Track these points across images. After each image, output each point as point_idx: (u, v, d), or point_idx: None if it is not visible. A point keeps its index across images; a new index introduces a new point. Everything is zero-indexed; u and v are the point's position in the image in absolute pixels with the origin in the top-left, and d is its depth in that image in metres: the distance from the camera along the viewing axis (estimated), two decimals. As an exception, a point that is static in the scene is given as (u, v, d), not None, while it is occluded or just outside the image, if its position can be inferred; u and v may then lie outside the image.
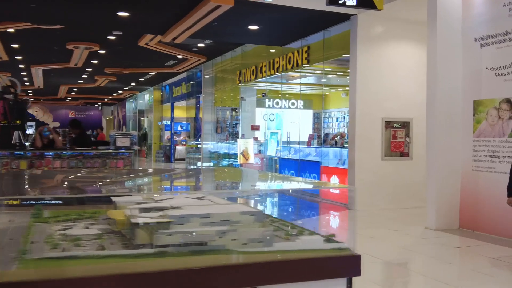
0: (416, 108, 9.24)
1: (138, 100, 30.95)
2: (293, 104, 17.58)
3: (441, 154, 7.28)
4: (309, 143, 11.72)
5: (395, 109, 9.30)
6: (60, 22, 11.00)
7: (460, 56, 7.28)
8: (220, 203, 2.30)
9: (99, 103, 38.71)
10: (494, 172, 6.74)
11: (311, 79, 15.54)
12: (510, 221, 6.08)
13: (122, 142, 7.11)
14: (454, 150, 7.30)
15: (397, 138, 9.32)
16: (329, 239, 2.07)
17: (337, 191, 9.85)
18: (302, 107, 18.21)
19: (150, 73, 20.26)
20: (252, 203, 3.39)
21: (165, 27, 10.33)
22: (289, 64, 12.09)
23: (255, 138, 14.89)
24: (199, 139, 19.12)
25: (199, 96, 19.18)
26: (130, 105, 33.58)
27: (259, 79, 13.97)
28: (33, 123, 24.67)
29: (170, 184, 3.40)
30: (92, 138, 20.94)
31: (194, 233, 1.82)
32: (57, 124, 39.94)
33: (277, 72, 12.72)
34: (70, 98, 34.34)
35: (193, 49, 14.59)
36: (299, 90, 16.63)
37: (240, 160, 14.42)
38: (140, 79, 22.46)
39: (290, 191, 3.81)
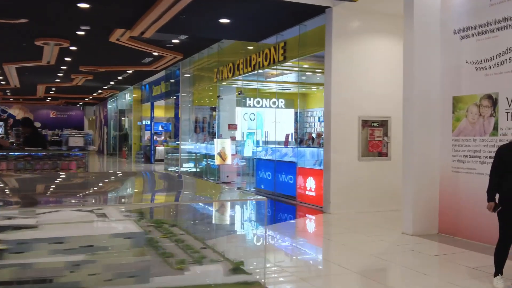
0: (395, 106, 8.77)
1: (119, 99, 30.27)
2: (274, 103, 17.11)
3: (418, 154, 6.81)
4: (286, 143, 11.23)
5: (373, 107, 8.84)
6: (23, 15, 10.40)
7: (439, 49, 6.83)
8: (113, 218, 1.77)
9: (81, 103, 37.90)
10: (475, 174, 6.29)
11: (291, 77, 15.05)
12: (491, 226, 5.59)
13: (75, 142, 6.55)
14: (432, 150, 6.85)
15: (375, 137, 8.86)
16: (235, 268, 1.54)
17: (313, 193, 9.38)
18: (283, 106, 17.76)
19: (128, 71, 19.64)
20: (172, 215, 2.85)
21: (131, 20, 9.78)
22: (266, 61, 11.59)
23: (233, 138, 14.37)
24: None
25: (178, 95, 18.60)
26: (111, 105, 32.87)
27: (238, 77, 13.44)
28: None
29: (69, 194, 2.84)
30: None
31: (34, 266, 1.29)
32: (38, 124, 39.18)
33: (254, 69, 12.21)
34: (50, 98, 33.50)
35: (167, 45, 14.03)
36: (280, 88, 16.16)
37: (217, 161, 13.89)
38: (118, 78, 21.83)
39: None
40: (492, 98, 6.04)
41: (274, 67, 11.40)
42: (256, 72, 12.44)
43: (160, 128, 25.70)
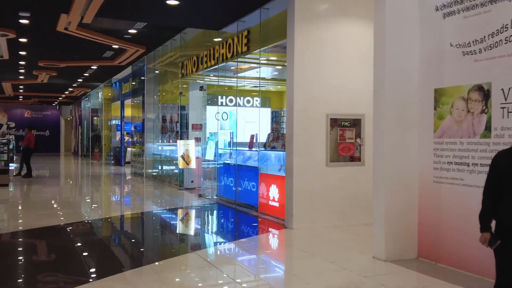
0: (369, 102, 7.48)
1: (91, 98, 28.81)
2: (248, 101, 15.80)
3: (391, 159, 5.53)
4: (250, 145, 9.91)
5: (343, 103, 7.56)
6: None
7: (417, 31, 5.56)
8: None
9: (56, 102, 36.31)
10: (461, 185, 5.02)
11: (264, 73, 13.73)
12: (480, 252, 4.32)
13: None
14: (409, 154, 5.57)
15: (346, 139, 7.57)
16: None
17: (276, 204, 8.08)
18: (258, 105, 16.45)
19: (92, 67, 18.25)
20: None
21: (65, 3, 8.43)
22: (229, 52, 10.28)
23: (197, 139, 13.04)
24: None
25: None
26: (85, 104, 31.37)
27: (205, 71, 12.09)
28: None
29: None
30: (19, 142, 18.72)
31: None
32: (12, 124, 37.57)
33: (217, 62, 10.90)
34: (21, 97, 31.91)
35: (125, 36, 12.67)
36: (254, 85, 14.86)
37: (181, 164, 12.55)
38: (85, 74, 20.42)
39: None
40: (484, 90, 4.77)
41: (236, 60, 10.08)
42: (224, 65, 11.11)
43: (133, 128, 24.28)
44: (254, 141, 9.83)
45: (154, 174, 15.60)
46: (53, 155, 33.07)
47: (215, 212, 9.64)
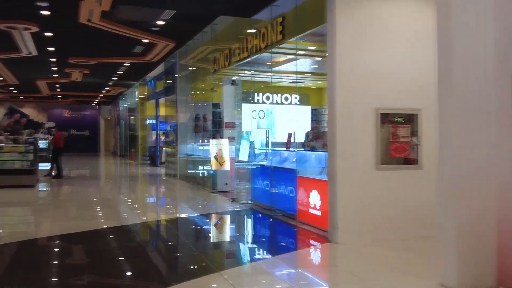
0: (427, 93, 6.37)
1: (128, 98, 28.45)
2: (286, 99, 14.77)
3: (462, 162, 4.40)
4: (287, 145, 8.89)
5: (395, 96, 6.43)
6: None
7: (491, 7, 4.41)
8: None
9: (95, 102, 36.31)
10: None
11: (303, 65, 12.68)
12: None
13: None
14: (484, 155, 4.43)
15: (399, 137, 6.45)
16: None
17: (317, 212, 7.04)
18: (297, 103, 15.41)
19: (125, 64, 17.65)
20: None
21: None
22: (263, 42, 9.30)
23: (231, 139, 12.13)
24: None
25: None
26: (122, 104, 31.09)
27: (236, 65, 11.15)
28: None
29: None
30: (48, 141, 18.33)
31: None
32: (53, 124, 37.83)
33: (250, 54, 9.93)
34: (60, 97, 31.96)
35: (152, 29, 11.88)
36: (292, 81, 13.87)
37: (213, 165, 11.65)
38: (118, 72, 19.90)
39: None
40: None
41: (270, 50, 9.08)
42: (258, 58, 10.15)
43: (168, 128, 23.68)
44: (292, 140, 8.81)
45: (188, 175, 14.82)
46: (92, 155, 33.02)
47: (249, 219, 8.68)
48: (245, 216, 8.83)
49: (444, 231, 4.55)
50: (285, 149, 8.99)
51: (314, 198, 7.20)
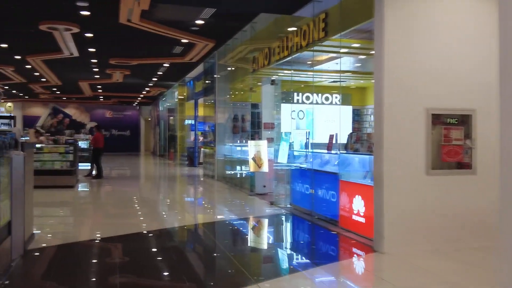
0: (483, 93, 5.90)
1: (168, 98, 28.62)
2: (327, 99, 14.37)
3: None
4: (329, 147, 8.52)
5: (447, 95, 5.98)
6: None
7: None
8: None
9: (136, 103, 36.79)
10: None
11: (345, 64, 12.26)
12: None
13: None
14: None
15: (452, 140, 5.99)
16: None
17: (361, 219, 6.66)
18: (338, 103, 14.98)
19: (164, 65, 17.65)
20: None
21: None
22: (304, 40, 8.96)
23: (269, 140, 11.84)
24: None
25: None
26: (162, 104, 31.33)
27: (275, 64, 10.85)
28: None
29: None
30: (88, 140, 18.50)
31: None
32: (94, 124, 38.55)
33: (291, 52, 9.61)
34: (102, 97, 32.51)
35: (192, 28, 11.74)
36: (333, 80, 13.50)
37: (251, 167, 11.41)
38: (158, 73, 19.96)
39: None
40: None
41: (312, 48, 8.74)
42: (298, 57, 9.83)
43: (207, 128, 23.64)
44: (334, 142, 8.44)
45: (225, 176, 14.63)
46: (133, 155, 33.43)
47: (288, 225, 8.35)
48: (285, 221, 8.51)
49: (505, 242, 4.09)
50: (326, 151, 8.63)
51: (358, 204, 6.81)
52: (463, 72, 6.05)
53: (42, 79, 22.09)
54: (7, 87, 25.50)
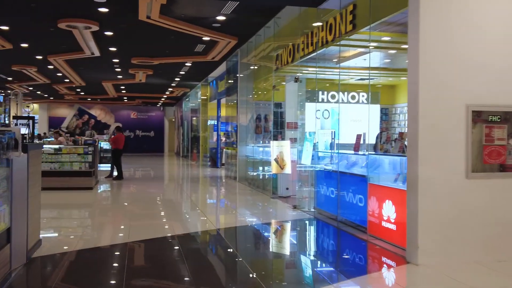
0: (531, 88, 5.30)
1: (191, 98, 28.36)
2: (353, 97, 13.81)
3: None
4: (356, 148, 7.98)
5: (489, 90, 5.40)
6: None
7: None
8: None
9: (160, 104, 36.73)
10: None
11: (373, 60, 11.67)
12: None
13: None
14: None
15: (494, 140, 5.41)
16: None
17: (392, 226, 6.12)
18: (364, 102, 14.40)
19: (187, 64, 17.32)
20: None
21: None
22: (330, 34, 8.44)
23: (293, 140, 11.34)
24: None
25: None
26: (185, 105, 31.11)
27: (299, 61, 10.34)
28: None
29: None
30: (109, 142, 18.25)
31: None
32: (120, 124, 38.64)
33: (316, 48, 9.10)
34: (126, 98, 32.49)
35: (213, 25, 11.33)
36: (360, 78, 12.94)
37: (274, 168, 10.94)
38: (181, 73, 19.66)
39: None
40: None
41: (338, 42, 8.20)
42: (324, 53, 9.31)
43: (229, 129, 23.24)
44: (361, 142, 7.90)
45: (247, 178, 14.19)
46: (156, 156, 33.35)
47: (312, 231, 7.84)
48: (309, 226, 8.00)
49: None
50: (353, 152, 8.09)
51: (388, 210, 6.27)
52: (506, 67, 5.46)
53: (65, 80, 22.08)
54: (31, 88, 25.64)
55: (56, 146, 12.04)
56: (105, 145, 20.78)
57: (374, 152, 7.04)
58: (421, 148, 5.24)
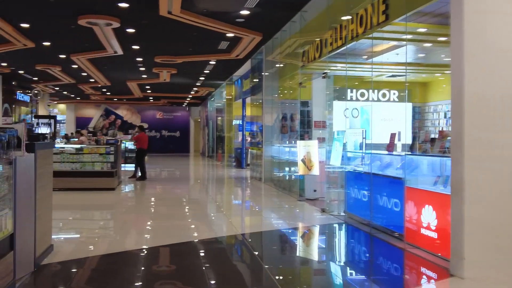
0: None
1: (216, 98, 28.03)
2: (384, 95, 13.21)
3: None
4: (390, 147, 7.41)
5: (549, 82, 4.79)
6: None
7: None
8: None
9: (185, 104, 36.57)
10: None
11: (404, 55, 11.05)
12: None
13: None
14: None
15: (553, 139, 4.79)
16: None
17: (432, 234, 5.56)
18: (396, 100, 13.76)
19: (211, 62, 16.96)
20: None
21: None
22: (361, 26, 7.89)
23: (320, 140, 10.81)
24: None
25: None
26: (211, 105, 30.83)
27: (327, 56, 9.80)
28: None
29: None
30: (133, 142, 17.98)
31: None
32: (145, 125, 38.66)
33: (345, 42, 8.56)
34: (151, 98, 32.41)
35: (237, 20, 10.90)
36: (391, 75, 12.33)
37: (301, 169, 10.43)
38: (205, 71, 19.31)
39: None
40: None
41: (370, 35, 7.65)
42: (353, 47, 8.78)
43: (255, 128, 22.78)
44: (396, 141, 7.34)
45: (273, 179, 13.71)
46: (182, 156, 33.19)
47: (342, 237, 7.31)
48: (339, 232, 7.48)
49: None
50: (386, 152, 7.52)
51: (428, 216, 5.70)
52: None
53: (90, 80, 22.00)
54: (57, 88, 25.71)
55: (78, 146, 11.77)
56: (130, 145, 20.61)
57: (411, 152, 6.46)
58: (467, 148, 4.66)
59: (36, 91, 16.41)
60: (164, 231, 7.34)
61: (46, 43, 13.79)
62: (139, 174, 14.82)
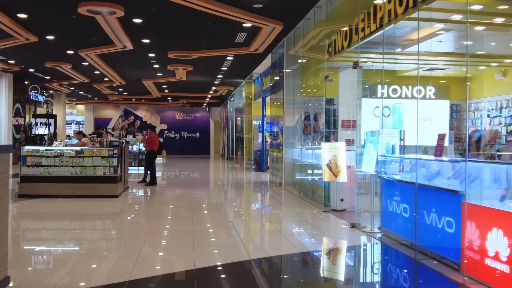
0: None
1: (235, 97, 26.82)
2: (419, 91, 11.80)
3: None
4: (438, 152, 6.02)
5: None
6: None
7: None
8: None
9: (205, 104, 35.51)
10: None
11: (448, 44, 9.65)
12: None
13: None
14: None
15: None
16: None
17: (504, 267, 4.17)
18: (433, 97, 12.31)
19: (228, 58, 15.72)
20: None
21: None
22: (400, 6, 6.53)
23: (349, 141, 9.47)
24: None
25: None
26: (231, 105, 29.64)
27: (358, 45, 8.41)
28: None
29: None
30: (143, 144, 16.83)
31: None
32: (165, 126, 37.71)
33: (381, 25, 7.20)
34: (170, 98, 31.41)
35: (254, 6, 9.63)
36: (429, 68, 10.99)
37: (326, 176, 9.09)
38: (223, 68, 18.10)
39: None
40: None
41: (414, 15, 6.26)
42: (390, 34, 7.43)
43: (276, 129, 21.47)
44: (446, 144, 5.96)
45: (294, 184, 12.39)
46: (201, 158, 32.10)
47: (381, 264, 5.93)
48: (375, 257, 6.12)
49: None
50: (433, 157, 6.14)
51: (497, 242, 4.33)
52: None
53: (105, 78, 21.05)
54: (73, 88, 24.87)
55: (78, 148, 10.65)
56: (142, 146, 19.55)
57: (473, 159, 5.07)
58: None
59: (47, 94, 15.38)
60: (154, 258, 6.09)
61: (50, 37, 12.75)
62: (149, 178, 13.66)
